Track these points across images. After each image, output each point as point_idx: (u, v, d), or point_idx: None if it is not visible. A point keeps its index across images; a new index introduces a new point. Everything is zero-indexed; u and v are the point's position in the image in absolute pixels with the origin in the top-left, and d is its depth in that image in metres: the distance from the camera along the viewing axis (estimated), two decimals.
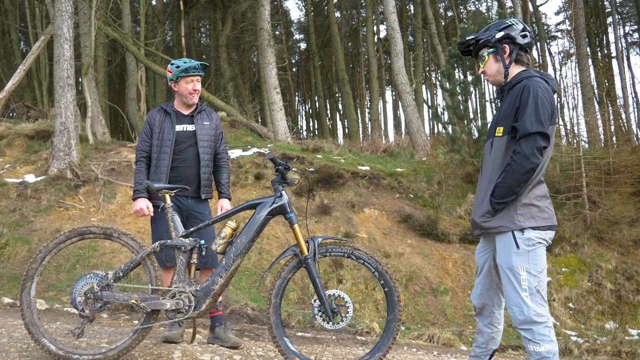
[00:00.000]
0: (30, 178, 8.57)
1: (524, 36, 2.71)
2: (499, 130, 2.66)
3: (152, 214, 3.66)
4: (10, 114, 14.11)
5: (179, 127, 3.79)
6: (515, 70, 2.73)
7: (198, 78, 3.81)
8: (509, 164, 2.55)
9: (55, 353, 3.09)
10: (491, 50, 2.76)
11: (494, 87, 2.90)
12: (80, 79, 12.92)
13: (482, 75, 2.89)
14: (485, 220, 2.66)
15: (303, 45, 35.01)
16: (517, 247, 2.54)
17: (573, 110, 18.19)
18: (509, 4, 19.83)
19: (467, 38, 2.87)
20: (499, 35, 2.72)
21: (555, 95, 2.69)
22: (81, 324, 3.13)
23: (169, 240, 3.23)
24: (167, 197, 3.35)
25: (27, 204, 7.77)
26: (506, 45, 2.72)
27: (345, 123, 28.41)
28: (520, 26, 2.73)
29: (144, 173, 3.76)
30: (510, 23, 2.74)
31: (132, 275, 5.47)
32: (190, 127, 3.82)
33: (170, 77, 3.80)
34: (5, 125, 11.08)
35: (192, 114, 3.86)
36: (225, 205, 3.89)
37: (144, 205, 3.63)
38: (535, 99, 2.51)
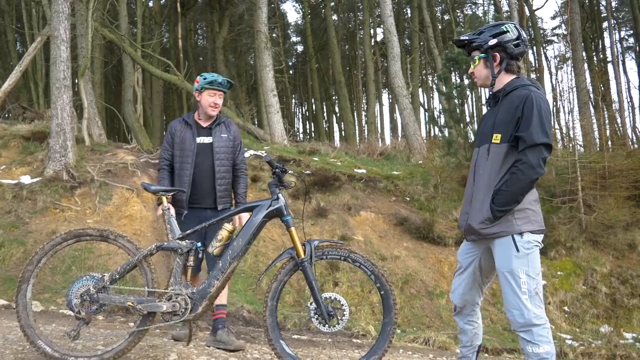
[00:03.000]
0: (26, 179, 8.53)
1: (517, 45, 2.69)
2: (497, 137, 2.66)
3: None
4: (6, 115, 14.05)
5: (197, 140, 3.87)
6: (505, 78, 2.73)
7: (221, 94, 3.88)
8: (514, 172, 2.56)
9: (51, 355, 3.08)
10: (482, 55, 2.75)
11: (487, 92, 2.92)
12: (76, 81, 12.86)
13: (471, 75, 2.91)
14: (484, 227, 2.66)
15: (300, 48, 35.11)
16: (517, 250, 2.56)
17: (569, 114, 18.27)
18: (505, 8, 19.95)
19: (462, 37, 2.86)
20: (492, 42, 2.70)
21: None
22: (77, 326, 3.12)
23: (165, 243, 3.24)
24: (164, 199, 3.36)
25: (23, 206, 7.73)
26: (497, 54, 2.72)
27: (342, 126, 28.42)
28: (515, 34, 2.69)
29: (167, 180, 3.89)
30: (505, 29, 2.71)
31: (128, 278, 5.45)
32: (207, 140, 3.89)
33: (196, 87, 3.88)
34: (1, 126, 11.01)
35: (211, 127, 3.93)
36: (242, 215, 3.80)
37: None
38: (539, 110, 2.55)
